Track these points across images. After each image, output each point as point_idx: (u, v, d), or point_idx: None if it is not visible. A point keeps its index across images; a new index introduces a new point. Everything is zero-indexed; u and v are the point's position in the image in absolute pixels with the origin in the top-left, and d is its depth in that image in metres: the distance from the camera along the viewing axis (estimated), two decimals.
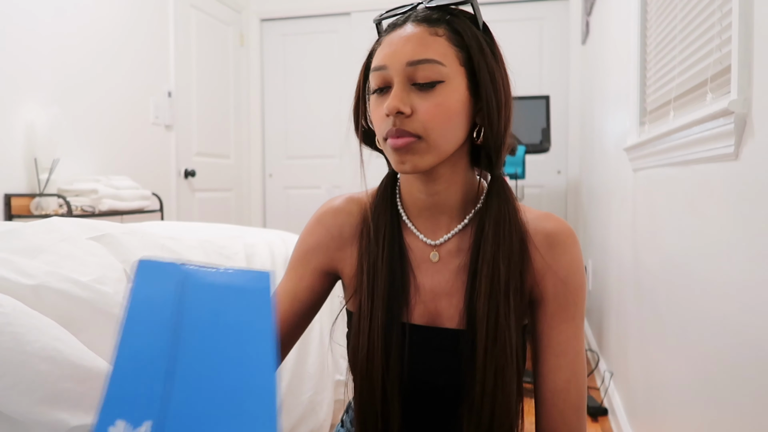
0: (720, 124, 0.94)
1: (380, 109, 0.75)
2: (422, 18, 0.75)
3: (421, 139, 0.72)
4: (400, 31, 0.75)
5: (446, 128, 0.74)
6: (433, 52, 0.72)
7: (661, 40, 1.49)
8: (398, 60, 0.73)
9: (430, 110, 0.72)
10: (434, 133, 0.73)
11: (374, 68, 0.76)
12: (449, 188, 0.80)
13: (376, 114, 0.76)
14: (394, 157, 0.74)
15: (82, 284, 0.78)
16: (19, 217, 2.32)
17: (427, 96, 0.72)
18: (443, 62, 0.72)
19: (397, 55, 0.73)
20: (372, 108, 0.77)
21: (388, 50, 0.74)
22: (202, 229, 1.40)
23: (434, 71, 0.72)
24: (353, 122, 0.84)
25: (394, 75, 0.73)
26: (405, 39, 0.73)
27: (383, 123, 0.74)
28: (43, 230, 0.90)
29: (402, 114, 0.72)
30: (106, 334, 0.77)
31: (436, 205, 0.81)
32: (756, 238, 0.82)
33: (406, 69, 0.72)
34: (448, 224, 0.81)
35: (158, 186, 3.22)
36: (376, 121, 0.76)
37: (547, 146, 3.32)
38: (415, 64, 0.72)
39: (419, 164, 0.74)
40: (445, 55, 0.73)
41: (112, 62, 2.92)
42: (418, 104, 0.72)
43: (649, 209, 1.53)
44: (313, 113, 4.19)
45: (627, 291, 1.87)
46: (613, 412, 2.06)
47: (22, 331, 0.66)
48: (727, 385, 0.92)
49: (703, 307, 1.06)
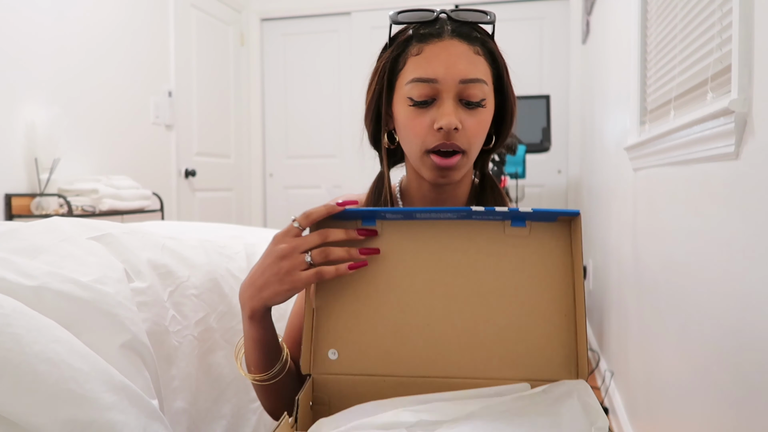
0: (720, 124, 0.94)
1: (421, 119, 0.77)
2: (461, 34, 0.77)
3: (464, 155, 0.78)
4: (442, 45, 0.76)
5: (481, 141, 0.80)
6: (480, 72, 0.77)
7: (661, 40, 1.49)
8: (451, 76, 0.75)
9: (474, 127, 0.77)
10: (474, 147, 0.79)
11: (420, 79, 0.76)
12: (457, 189, 0.85)
13: (417, 124, 0.77)
14: (436, 172, 0.78)
15: (82, 285, 0.78)
16: (20, 217, 2.32)
17: (472, 113, 0.77)
18: (486, 81, 0.77)
19: (450, 71, 0.75)
20: (407, 115, 0.78)
21: (438, 64, 0.75)
22: (203, 229, 1.40)
23: (481, 90, 0.76)
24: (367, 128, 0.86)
25: (444, 90, 0.75)
26: (456, 56, 0.76)
27: (428, 134, 0.77)
28: (43, 230, 0.90)
29: (456, 130, 0.75)
30: (106, 335, 0.77)
31: (443, 203, 0.86)
32: (756, 237, 0.82)
33: (459, 86, 0.75)
34: None
35: (159, 186, 3.22)
36: (416, 131, 0.77)
37: (548, 146, 3.32)
38: (467, 83, 0.75)
39: (457, 177, 0.80)
40: (486, 75, 0.78)
41: (113, 62, 2.92)
42: (465, 120, 0.76)
43: (650, 209, 1.53)
44: (313, 113, 4.19)
45: (627, 290, 1.87)
46: (613, 412, 2.06)
47: (21, 332, 0.66)
48: (728, 385, 0.92)
49: (703, 307, 1.06)
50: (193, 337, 0.99)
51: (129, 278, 0.89)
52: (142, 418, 0.72)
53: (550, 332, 0.70)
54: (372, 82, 0.83)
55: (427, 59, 0.76)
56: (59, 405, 0.65)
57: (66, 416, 0.65)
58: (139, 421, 0.72)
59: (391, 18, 0.80)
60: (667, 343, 1.31)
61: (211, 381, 1.03)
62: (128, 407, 0.71)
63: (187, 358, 0.97)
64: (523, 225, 0.70)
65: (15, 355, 0.64)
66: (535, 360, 0.69)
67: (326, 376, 0.73)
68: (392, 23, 0.80)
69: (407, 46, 0.79)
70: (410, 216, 0.72)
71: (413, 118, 0.77)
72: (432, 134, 0.76)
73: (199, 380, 0.99)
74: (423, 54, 0.77)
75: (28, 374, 0.64)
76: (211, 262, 1.09)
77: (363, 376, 0.72)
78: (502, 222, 0.71)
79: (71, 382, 0.66)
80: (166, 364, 0.92)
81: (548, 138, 3.32)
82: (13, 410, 0.63)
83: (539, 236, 0.70)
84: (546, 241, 0.70)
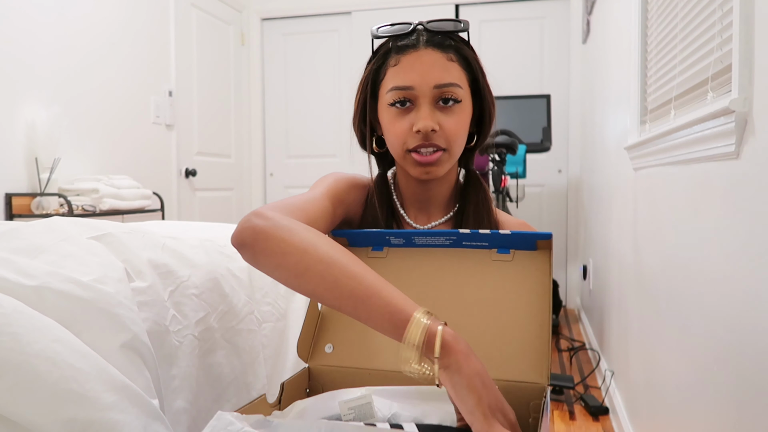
0: (721, 123, 0.94)
1: (402, 122, 0.85)
2: (435, 43, 0.85)
3: (445, 151, 0.85)
4: (417, 54, 0.84)
5: (462, 140, 0.88)
6: (453, 77, 0.84)
7: (661, 39, 1.49)
8: (426, 83, 0.83)
9: (452, 126, 0.85)
10: (455, 145, 0.86)
11: (398, 87, 0.84)
12: (442, 186, 0.94)
13: (398, 127, 0.85)
14: (419, 168, 0.86)
15: (83, 284, 0.78)
16: (20, 217, 2.32)
17: (449, 114, 0.84)
18: (461, 85, 0.85)
19: (425, 78, 0.83)
20: (389, 120, 0.87)
21: (413, 72, 0.84)
22: (204, 229, 1.40)
23: (455, 93, 0.84)
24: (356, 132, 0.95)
25: (420, 95, 0.84)
26: (429, 63, 0.83)
27: (408, 137, 0.85)
28: (43, 230, 0.90)
29: (433, 131, 0.83)
30: (107, 335, 0.77)
31: (429, 199, 0.94)
32: (757, 236, 0.82)
33: (433, 91, 0.83)
34: (436, 214, 0.95)
35: (159, 185, 3.22)
36: (397, 134, 0.86)
37: (548, 145, 3.32)
38: (441, 87, 0.84)
39: (440, 173, 0.87)
40: (461, 79, 0.86)
41: (113, 61, 2.92)
42: (442, 121, 0.84)
43: (650, 208, 1.53)
44: (313, 112, 4.19)
45: (628, 290, 1.87)
46: (614, 411, 2.06)
47: (21, 332, 0.65)
48: (729, 385, 0.92)
49: (704, 306, 1.06)
50: (193, 336, 0.99)
51: (129, 278, 0.89)
52: (143, 418, 0.72)
53: (524, 340, 0.77)
54: (358, 92, 0.92)
55: (403, 69, 0.84)
56: (59, 405, 0.65)
57: (66, 416, 0.65)
58: (140, 420, 0.72)
59: (372, 33, 0.88)
60: (668, 343, 1.31)
61: (211, 381, 1.03)
62: (129, 407, 0.71)
63: (187, 357, 0.97)
64: (508, 252, 0.81)
65: (15, 354, 0.64)
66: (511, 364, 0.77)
67: (322, 366, 0.84)
68: (373, 38, 0.89)
69: (387, 58, 0.87)
70: (410, 242, 0.84)
71: (394, 123, 0.86)
72: (412, 136, 0.84)
73: (199, 380, 0.99)
74: (400, 64, 0.85)
75: (29, 374, 0.64)
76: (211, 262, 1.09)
77: (354, 369, 0.82)
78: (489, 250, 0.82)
79: (72, 382, 0.66)
80: (166, 364, 0.92)
81: (549, 138, 3.32)
82: (13, 410, 0.63)
83: (521, 261, 0.81)
84: (527, 264, 0.81)
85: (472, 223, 0.92)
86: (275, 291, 1.26)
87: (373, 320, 0.66)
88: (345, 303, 0.68)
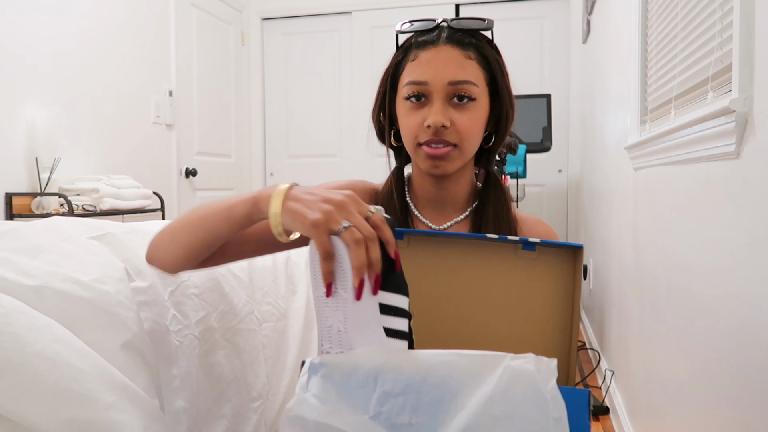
0: (721, 123, 0.94)
1: (415, 116, 0.85)
2: (454, 40, 0.85)
3: (456, 147, 0.85)
4: (435, 50, 0.85)
5: (475, 138, 0.87)
6: (469, 74, 0.84)
7: (662, 39, 1.49)
8: (440, 79, 0.83)
9: (465, 123, 0.84)
10: (467, 142, 0.86)
11: (413, 82, 0.85)
12: (457, 184, 0.92)
13: (411, 121, 0.86)
14: (429, 162, 0.86)
15: (83, 284, 0.78)
16: (20, 217, 2.32)
17: (462, 111, 0.84)
18: (477, 83, 0.85)
19: (439, 74, 0.84)
20: (404, 114, 0.87)
21: (429, 68, 0.84)
22: None
23: (470, 90, 0.84)
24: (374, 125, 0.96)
25: (434, 91, 0.84)
26: (445, 60, 0.84)
27: (420, 131, 0.85)
28: (44, 229, 0.90)
29: (444, 127, 0.83)
30: (107, 334, 0.77)
31: (444, 198, 0.93)
32: (757, 236, 0.81)
33: (447, 87, 0.84)
34: (452, 214, 0.94)
35: (159, 185, 3.22)
36: (410, 127, 0.86)
37: (548, 145, 3.32)
38: (455, 84, 0.84)
39: (449, 169, 0.87)
40: (477, 77, 0.85)
41: (113, 61, 2.92)
42: (455, 118, 0.84)
43: (650, 208, 1.53)
44: (314, 112, 4.19)
45: (628, 290, 1.87)
46: (614, 411, 2.06)
47: (21, 332, 0.65)
48: (729, 384, 0.92)
49: (704, 306, 1.06)
50: (193, 336, 0.99)
51: (130, 277, 0.89)
52: (143, 418, 0.72)
53: (547, 343, 0.76)
54: (380, 84, 0.93)
55: (420, 64, 0.85)
56: (60, 404, 0.65)
57: (66, 416, 0.65)
58: (140, 420, 0.72)
59: (396, 30, 0.89)
60: (668, 342, 1.31)
61: (211, 380, 1.03)
62: (129, 407, 0.71)
63: (187, 357, 0.97)
64: (533, 249, 0.79)
65: (15, 354, 0.64)
66: None
67: None
68: (398, 34, 0.90)
69: (408, 53, 0.88)
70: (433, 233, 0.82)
71: (408, 116, 0.86)
72: (423, 130, 0.84)
73: (199, 380, 1.00)
74: (418, 59, 0.85)
75: (29, 374, 0.64)
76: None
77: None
78: (515, 245, 0.79)
79: (72, 382, 0.66)
80: (166, 364, 0.92)
81: (549, 137, 3.32)
82: (14, 410, 0.63)
83: (547, 259, 0.79)
84: (553, 264, 0.78)
85: (492, 224, 0.91)
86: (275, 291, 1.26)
87: (231, 221, 0.74)
88: (204, 233, 0.76)
